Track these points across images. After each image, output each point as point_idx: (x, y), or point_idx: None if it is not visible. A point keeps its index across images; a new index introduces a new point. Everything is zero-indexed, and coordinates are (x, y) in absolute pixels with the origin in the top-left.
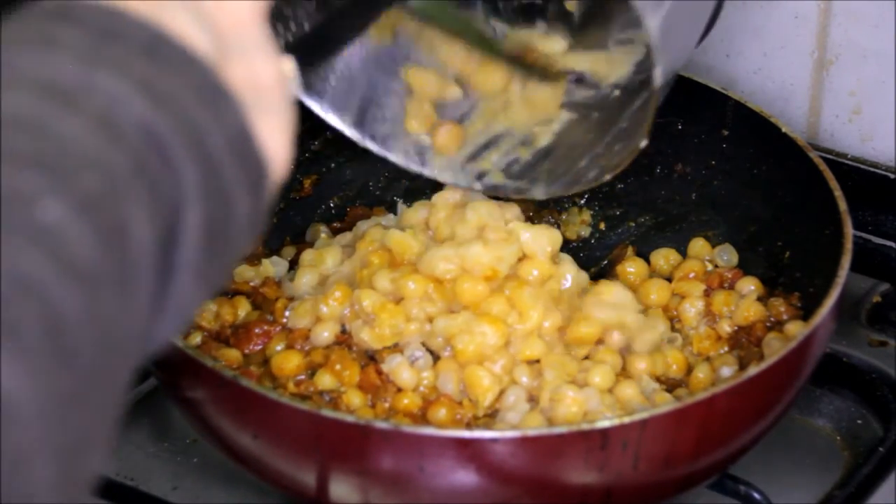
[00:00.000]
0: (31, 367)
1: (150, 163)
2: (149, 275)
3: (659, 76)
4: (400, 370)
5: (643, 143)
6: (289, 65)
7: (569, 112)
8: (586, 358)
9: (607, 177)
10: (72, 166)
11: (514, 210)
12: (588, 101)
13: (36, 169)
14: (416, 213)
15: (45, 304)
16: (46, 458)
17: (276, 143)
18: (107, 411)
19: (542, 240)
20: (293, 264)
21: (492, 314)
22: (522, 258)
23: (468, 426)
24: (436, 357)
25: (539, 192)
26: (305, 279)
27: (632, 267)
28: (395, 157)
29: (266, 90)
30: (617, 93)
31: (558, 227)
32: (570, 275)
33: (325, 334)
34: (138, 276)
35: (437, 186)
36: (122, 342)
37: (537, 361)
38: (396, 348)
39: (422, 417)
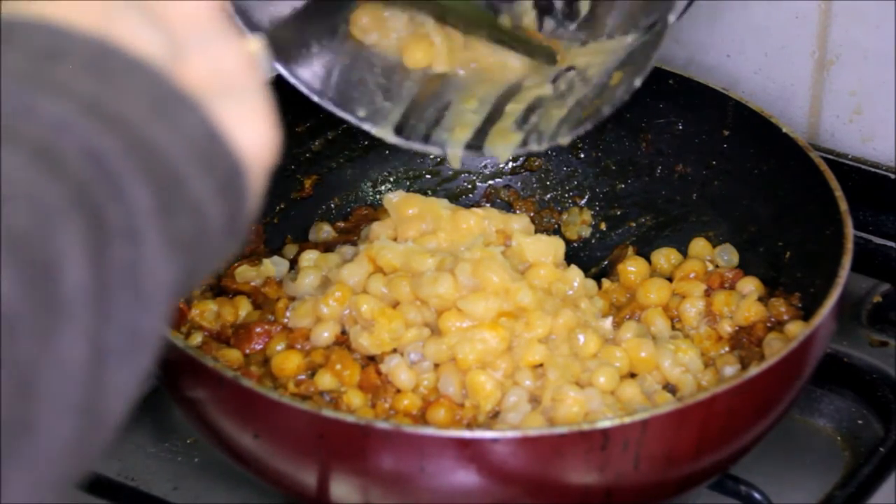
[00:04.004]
0: None
1: (94, 191)
2: (83, 314)
3: (673, 16)
4: (398, 371)
5: (638, 83)
6: (256, 44)
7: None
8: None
9: (606, 111)
10: (1, 202)
11: (522, 220)
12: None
13: None
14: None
15: None
16: None
17: (252, 131)
18: (28, 458)
19: (544, 248)
20: (294, 264)
21: (495, 321)
22: (529, 266)
23: (468, 426)
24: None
25: (536, 146)
26: (307, 280)
27: (632, 266)
28: (395, 139)
29: (232, 76)
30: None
31: (559, 227)
32: (576, 281)
33: (326, 334)
34: (68, 317)
35: (438, 185)
36: (46, 388)
37: (540, 365)
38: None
39: (421, 418)
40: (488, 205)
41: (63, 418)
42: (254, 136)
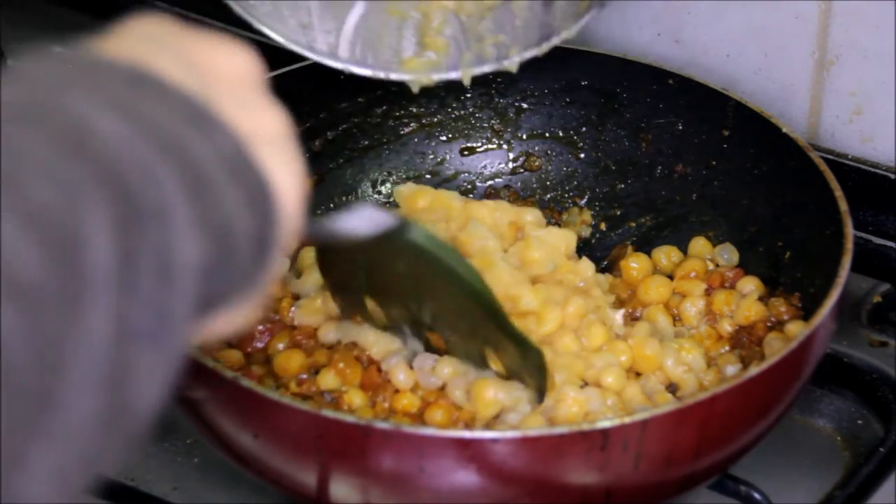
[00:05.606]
0: None
1: (121, 171)
2: (108, 290)
3: None
4: (396, 371)
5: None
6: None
7: None
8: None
9: (585, 19)
10: (23, 179)
11: (534, 212)
12: None
13: None
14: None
15: None
16: None
17: (281, 168)
18: (52, 434)
19: (556, 240)
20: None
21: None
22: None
23: (467, 426)
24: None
25: (513, 64)
26: (312, 278)
27: (635, 262)
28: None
29: (272, 136)
30: None
31: (558, 227)
32: (588, 273)
33: (333, 333)
34: (93, 293)
35: (438, 185)
36: (72, 363)
37: None
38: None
39: (420, 417)
40: None
41: (89, 395)
42: (283, 172)
